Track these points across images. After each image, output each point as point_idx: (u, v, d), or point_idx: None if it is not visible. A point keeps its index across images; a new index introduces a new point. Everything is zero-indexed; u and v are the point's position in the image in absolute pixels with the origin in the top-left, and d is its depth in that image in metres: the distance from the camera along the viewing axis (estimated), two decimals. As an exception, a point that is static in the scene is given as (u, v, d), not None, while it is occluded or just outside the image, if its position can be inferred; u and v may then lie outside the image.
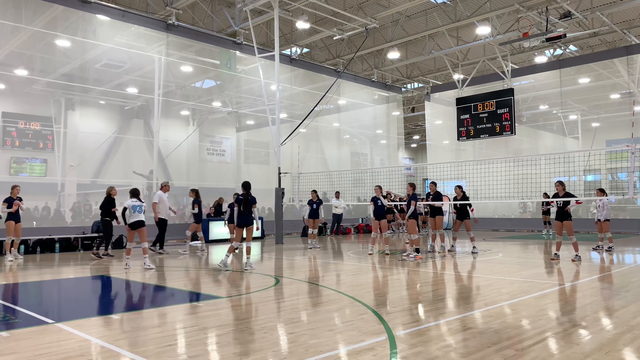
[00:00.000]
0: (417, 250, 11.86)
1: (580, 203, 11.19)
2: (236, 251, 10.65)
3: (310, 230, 15.22)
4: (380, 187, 13.06)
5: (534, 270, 9.85)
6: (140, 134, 19.45)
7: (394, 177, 20.65)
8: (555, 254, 11.28)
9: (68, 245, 14.29)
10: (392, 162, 28.05)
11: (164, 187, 13.67)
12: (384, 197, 13.32)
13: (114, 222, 12.44)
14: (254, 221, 10.25)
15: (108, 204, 12.49)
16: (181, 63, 19.90)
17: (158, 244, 13.56)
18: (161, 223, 13.37)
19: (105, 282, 9.12)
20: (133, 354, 4.40)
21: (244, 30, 19.84)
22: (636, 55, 21.17)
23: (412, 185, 12.09)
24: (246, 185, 10.34)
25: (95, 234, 14.79)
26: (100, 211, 12.62)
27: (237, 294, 7.51)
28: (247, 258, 10.20)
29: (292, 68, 22.82)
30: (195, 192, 13.81)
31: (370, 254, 12.70)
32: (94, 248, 12.93)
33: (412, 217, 11.87)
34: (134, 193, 10.69)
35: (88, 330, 5.27)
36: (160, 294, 7.94)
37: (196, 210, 13.55)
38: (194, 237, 14.85)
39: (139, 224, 10.42)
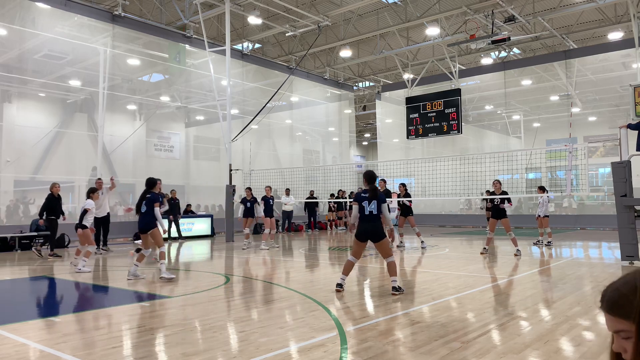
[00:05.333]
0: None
1: (510, 205, 11.77)
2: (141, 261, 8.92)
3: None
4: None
5: (478, 265, 10.20)
6: (83, 128, 18.63)
7: (345, 174, 20.86)
8: (485, 248, 11.75)
9: (4, 246, 13.52)
10: (344, 160, 28.30)
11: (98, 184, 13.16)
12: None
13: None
14: (158, 224, 8.67)
15: (51, 202, 11.93)
16: (128, 56, 19.23)
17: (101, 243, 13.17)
18: (97, 221, 12.88)
19: (46, 283, 8.70)
20: (75, 357, 4.22)
21: (194, 24, 19.42)
22: (574, 59, 22.34)
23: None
24: (148, 183, 8.97)
25: (35, 233, 14.09)
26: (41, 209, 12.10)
27: (185, 293, 7.35)
28: (162, 264, 8.55)
29: (244, 63, 22.55)
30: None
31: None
32: (38, 245, 12.49)
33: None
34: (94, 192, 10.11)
35: (26, 334, 5.01)
36: (106, 295, 7.66)
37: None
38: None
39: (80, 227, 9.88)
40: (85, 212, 9.89)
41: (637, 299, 1.16)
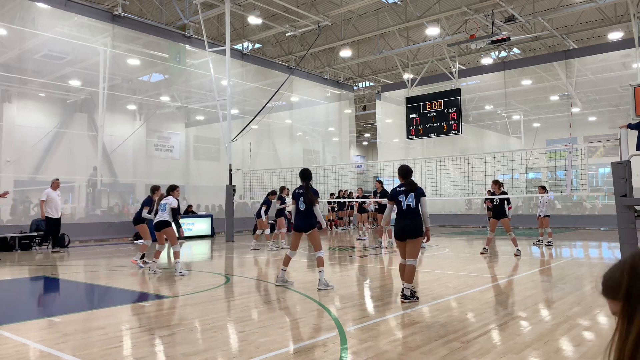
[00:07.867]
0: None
1: (510, 208, 11.78)
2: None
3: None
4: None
5: (478, 265, 10.19)
6: (83, 128, 18.62)
7: (345, 174, 20.86)
8: (485, 248, 11.74)
9: (4, 245, 13.52)
10: (344, 160, 28.29)
11: (54, 184, 12.97)
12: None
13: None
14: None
15: None
16: (128, 56, 19.23)
17: (51, 243, 13.16)
18: (50, 222, 12.80)
19: (46, 283, 8.71)
20: (75, 357, 4.22)
21: (194, 24, 19.42)
22: (574, 59, 22.33)
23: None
24: (303, 175, 8.34)
25: (35, 233, 14.09)
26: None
27: (186, 293, 7.35)
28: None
29: (244, 63, 22.55)
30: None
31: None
32: None
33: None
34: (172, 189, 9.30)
35: (26, 334, 5.01)
36: (105, 295, 7.66)
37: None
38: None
39: (162, 225, 9.11)
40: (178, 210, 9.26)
41: (624, 279, 1.18)
